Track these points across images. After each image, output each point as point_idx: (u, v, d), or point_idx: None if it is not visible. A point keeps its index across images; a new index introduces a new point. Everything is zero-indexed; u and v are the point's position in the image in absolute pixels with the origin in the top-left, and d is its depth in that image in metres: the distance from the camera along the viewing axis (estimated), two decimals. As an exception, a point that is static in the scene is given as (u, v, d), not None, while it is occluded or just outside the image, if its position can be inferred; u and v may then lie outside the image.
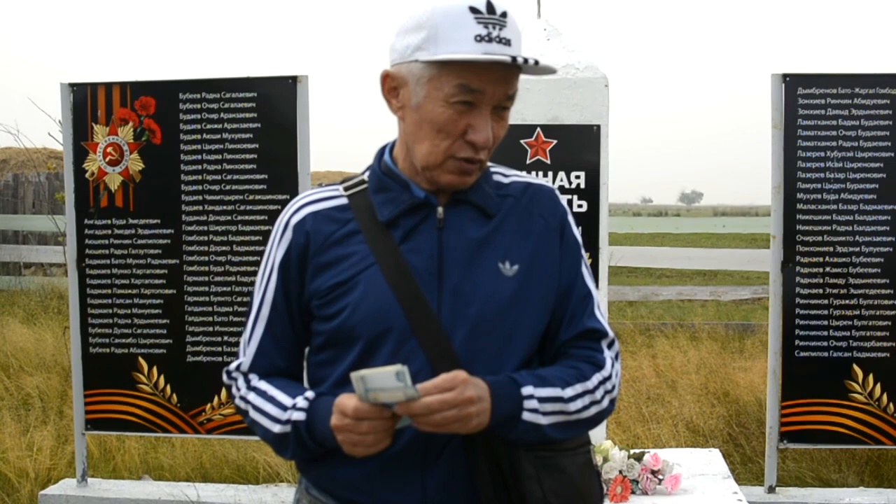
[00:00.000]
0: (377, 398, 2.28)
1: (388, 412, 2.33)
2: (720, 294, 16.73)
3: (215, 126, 6.34)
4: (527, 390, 2.46)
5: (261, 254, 6.20)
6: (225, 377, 2.76)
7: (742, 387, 9.42)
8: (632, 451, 5.84)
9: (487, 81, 2.43)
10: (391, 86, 2.57)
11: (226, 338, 6.40)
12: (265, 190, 6.30)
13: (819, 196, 6.22)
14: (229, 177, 6.34)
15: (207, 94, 6.35)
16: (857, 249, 6.21)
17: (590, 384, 2.57)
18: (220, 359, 6.41)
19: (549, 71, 2.49)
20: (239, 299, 6.37)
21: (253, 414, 2.62)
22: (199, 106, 6.35)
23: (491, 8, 2.42)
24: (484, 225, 2.60)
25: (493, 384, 2.42)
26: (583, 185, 5.92)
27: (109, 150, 6.42)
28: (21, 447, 7.95)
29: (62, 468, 7.67)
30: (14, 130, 14.06)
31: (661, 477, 5.78)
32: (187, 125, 6.37)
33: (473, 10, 2.41)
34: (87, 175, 6.48)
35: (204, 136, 6.35)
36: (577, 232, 2.75)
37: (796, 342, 6.29)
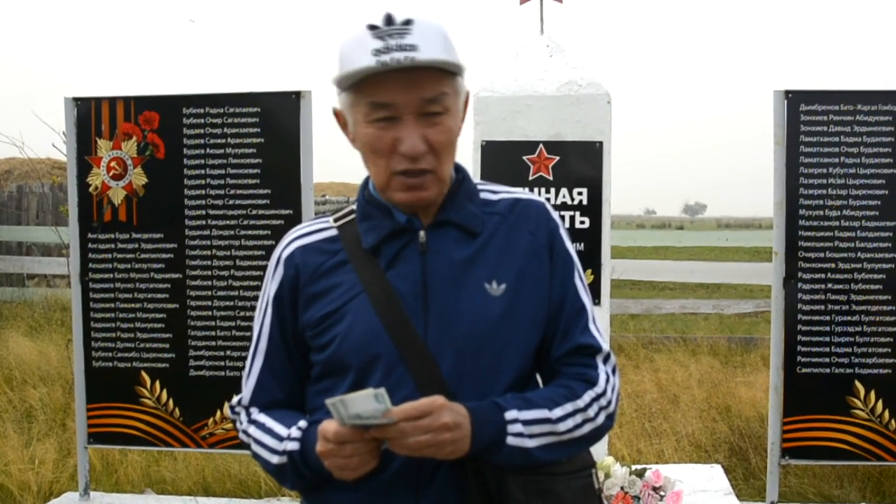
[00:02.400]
0: (356, 422, 2.31)
1: (368, 434, 2.35)
2: (723, 307, 16.71)
3: (219, 141, 6.35)
4: (510, 414, 2.47)
5: (263, 268, 6.23)
6: (229, 412, 2.80)
7: (744, 402, 9.42)
8: (633, 468, 5.84)
9: (394, 92, 2.43)
10: (342, 122, 2.62)
11: (228, 352, 6.40)
12: (268, 205, 6.31)
13: (821, 212, 6.21)
14: (232, 191, 6.35)
15: (211, 108, 6.36)
16: (860, 266, 6.20)
17: (581, 402, 2.56)
18: (222, 373, 6.41)
19: (450, 64, 2.45)
20: (242, 314, 6.37)
21: (254, 447, 2.65)
22: (202, 121, 6.36)
23: (390, 20, 2.42)
24: (468, 245, 2.60)
25: (474, 410, 2.42)
26: (585, 202, 5.93)
27: (113, 164, 6.43)
28: (24, 460, 7.95)
29: (65, 481, 7.68)
30: (19, 142, 14.05)
31: (662, 493, 5.78)
32: (191, 140, 6.38)
33: (371, 27, 2.43)
34: (90, 189, 6.49)
35: (207, 150, 6.36)
36: (570, 245, 2.73)
37: (798, 358, 6.28)
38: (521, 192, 2.78)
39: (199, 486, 7.67)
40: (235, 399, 2.76)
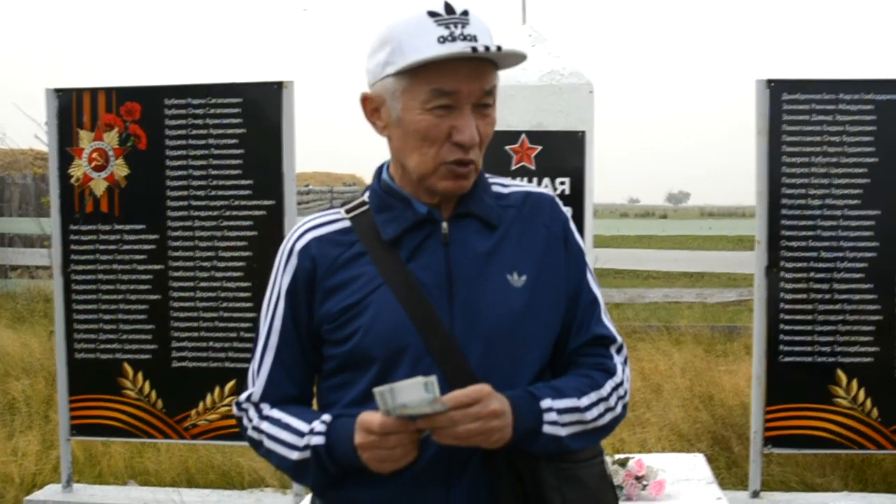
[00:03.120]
0: (404, 411, 2.27)
1: (414, 425, 2.32)
2: (706, 296, 16.74)
3: (201, 132, 6.34)
4: (545, 403, 2.49)
5: (246, 259, 6.20)
6: (235, 409, 2.73)
7: (727, 390, 9.43)
8: (616, 457, 5.85)
9: (459, 80, 2.43)
10: (372, 107, 2.59)
11: (211, 343, 6.40)
12: (251, 196, 6.30)
13: (804, 201, 6.23)
14: (215, 182, 6.34)
15: (193, 99, 6.35)
16: (842, 255, 6.22)
17: (603, 392, 2.60)
18: (205, 364, 6.41)
19: (519, 56, 2.47)
20: (224, 304, 6.36)
21: (268, 443, 2.60)
22: (184, 111, 6.35)
23: (450, 9, 2.43)
24: (489, 237, 2.60)
25: (513, 399, 2.43)
26: (568, 191, 5.92)
27: (95, 155, 6.42)
28: (6, 452, 7.94)
29: (47, 473, 7.66)
30: (0, 134, 14.02)
31: (645, 483, 5.78)
32: (173, 131, 6.37)
33: (432, 13, 2.43)
34: (72, 180, 6.47)
35: (189, 141, 6.35)
36: (579, 238, 2.75)
37: (780, 347, 6.30)
38: (530, 186, 2.80)
39: (183, 477, 7.66)
40: (244, 395, 2.70)
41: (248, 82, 6.38)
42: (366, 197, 2.67)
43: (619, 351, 2.72)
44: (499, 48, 2.40)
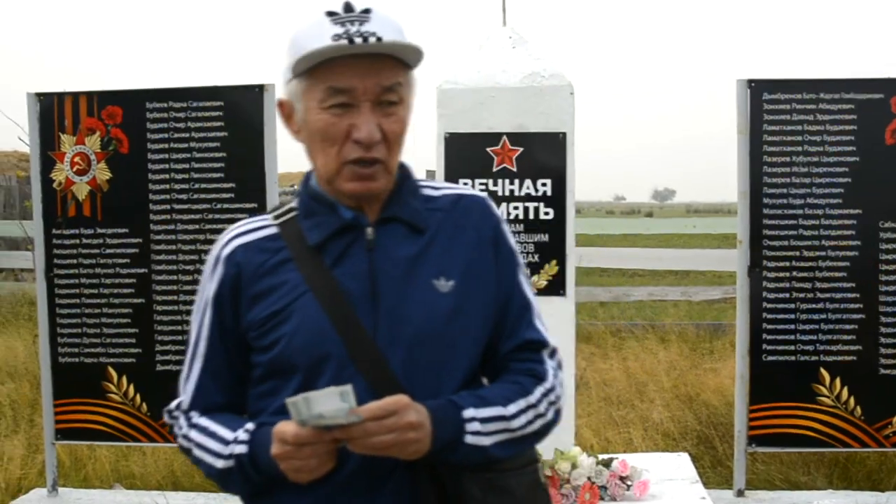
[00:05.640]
0: (319, 422, 2.26)
1: (329, 435, 2.30)
2: (691, 294, 16.76)
3: (182, 135, 6.34)
4: (468, 413, 2.45)
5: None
6: (166, 417, 2.72)
7: (711, 389, 9.44)
8: (600, 458, 5.86)
9: (353, 77, 2.42)
10: (286, 113, 2.59)
11: (195, 347, 6.39)
12: (233, 198, 6.31)
13: (785, 201, 6.25)
14: (197, 185, 6.35)
15: (174, 103, 6.35)
16: (824, 254, 6.25)
17: (532, 398, 2.56)
18: (189, 368, 6.40)
19: (413, 49, 2.45)
20: (208, 308, 6.36)
21: (196, 452, 2.59)
22: (166, 115, 6.35)
23: (349, 7, 2.43)
24: (415, 241, 2.57)
25: (433, 409, 2.40)
26: (549, 193, 5.93)
27: (77, 159, 6.42)
28: (-9, 457, 7.93)
29: (33, 477, 7.65)
30: (-19, 137, 13.96)
31: (629, 483, 5.80)
32: (154, 134, 6.37)
33: (330, 13, 2.43)
34: (54, 185, 6.47)
35: (171, 145, 6.36)
36: (512, 240, 2.71)
37: (764, 346, 6.32)
38: (463, 188, 2.76)
39: (168, 480, 7.65)
40: (174, 403, 2.69)
41: (229, 85, 6.40)
42: (294, 203, 2.66)
43: (551, 355, 2.69)
44: (379, 39, 2.37)
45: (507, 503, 2.53)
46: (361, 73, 2.42)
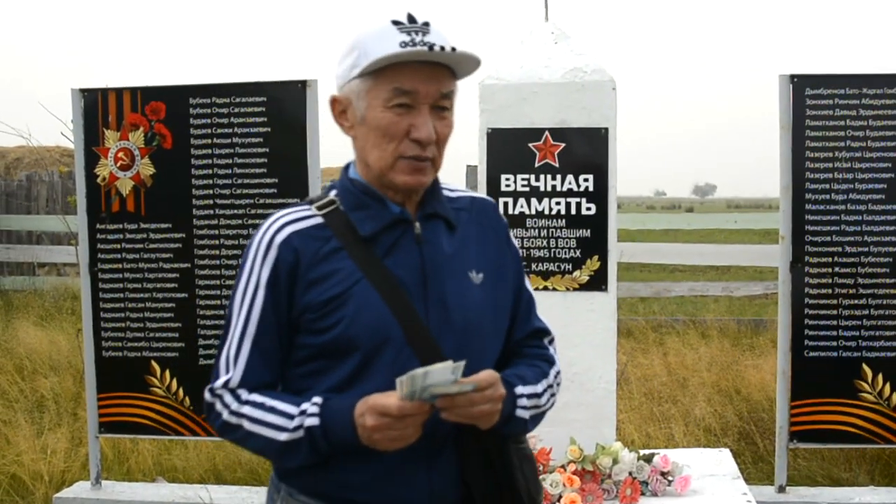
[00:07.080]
0: (434, 391, 2.44)
1: (428, 406, 2.51)
2: (732, 290, 16.66)
3: (225, 130, 6.37)
4: (518, 389, 2.77)
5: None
6: (208, 395, 2.80)
7: (753, 385, 9.42)
8: (641, 453, 5.86)
9: (418, 81, 2.62)
10: (339, 109, 2.77)
11: (237, 341, 6.41)
12: (275, 194, 6.34)
13: (828, 196, 6.23)
14: (240, 181, 6.37)
15: (217, 98, 6.38)
16: (866, 249, 6.22)
17: (550, 379, 2.93)
18: (231, 362, 6.42)
19: (474, 61, 2.67)
20: (250, 302, 6.38)
21: (249, 426, 2.68)
22: (209, 111, 6.38)
23: (412, 19, 2.64)
24: (452, 237, 2.83)
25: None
26: (591, 188, 5.93)
27: (120, 154, 6.46)
28: (35, 450, 7.98)
29: (76, 470, 7.71)
30: (26, 134, 14.02)
31: (670, 478, 5.80)
32: (198, 130, 6.40)
33: (396, 22, 2.64)
34: (98, 180, 6.51)
35: (214, 140, 6.39)
36: (515, 241, 3.06)
37: (806, 342, 6.30)
38: (471, 190, 3.04)
39: (211, 473, 7.70)
40: (219, 382, 2.76)
41: (272, 81, 6.43)
42: (332, 195, 2.81)
43: (551, 343, 3.05)
44: (453, 49, 2.60)
45: (530, 468, 2.90)
46: (424, 79, 2.63)
